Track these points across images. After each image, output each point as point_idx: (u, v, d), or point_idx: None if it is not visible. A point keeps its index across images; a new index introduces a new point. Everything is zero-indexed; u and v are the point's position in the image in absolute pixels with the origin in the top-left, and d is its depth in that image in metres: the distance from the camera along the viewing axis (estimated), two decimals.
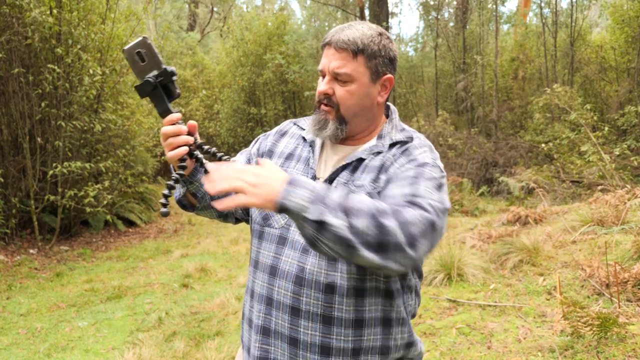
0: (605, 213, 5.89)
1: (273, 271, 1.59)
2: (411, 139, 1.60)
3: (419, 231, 1.30)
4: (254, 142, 1.87)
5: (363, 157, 1.58)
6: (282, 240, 1.58)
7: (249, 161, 1.79)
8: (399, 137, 1.60)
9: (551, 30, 16.99)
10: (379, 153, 1.58)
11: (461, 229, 7.75)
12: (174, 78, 1.44)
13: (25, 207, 8.49)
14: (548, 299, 4.43)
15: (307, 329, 1.52)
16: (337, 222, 1.22)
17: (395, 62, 1.63)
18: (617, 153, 10.09)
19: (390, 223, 1.26)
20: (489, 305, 4.47)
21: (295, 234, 1.56)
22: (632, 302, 3.99)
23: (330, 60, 1.56)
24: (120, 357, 4.22)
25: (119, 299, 6.13)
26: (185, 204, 1.74)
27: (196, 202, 1.71)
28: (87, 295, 6.30)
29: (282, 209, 1.25)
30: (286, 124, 1.84)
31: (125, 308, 5.75)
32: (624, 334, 3.44)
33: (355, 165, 1.58)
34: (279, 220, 1.60)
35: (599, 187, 7.84)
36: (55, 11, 8.17)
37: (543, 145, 12.02)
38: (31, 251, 8.23)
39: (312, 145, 1.69)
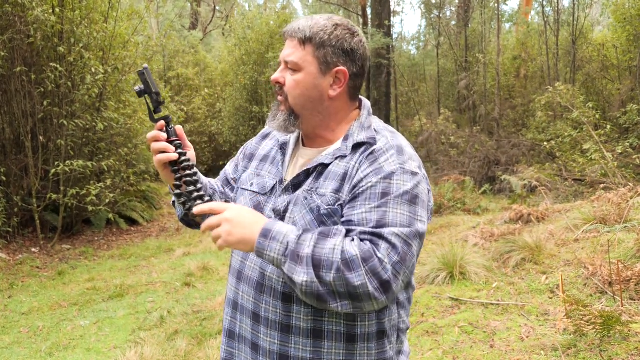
0: (607, 211, 5.87)
1: (239, 275, 1.62)
2: (374, 140, 1.50)
3: (390, 275, 1.32)
4: (240, 150, 1.88)
5: (326, 162, 1.52)
6: None
7: (236, 167, 1.82)
8: (362, 137, 1.52)
9: (553, 29, 16.97)
10: (343, 157, 1.51)
11: (463, 228, 7.74)
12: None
13: (27, 206, 8.50)
14: (551, 298, 4.42)
15: (266, 336, 1.52)
16: (306, 279, 1.32)
17: (354, 55, 1.55)
18: (620, 151, 10.06)
19: (358, 277, 1.30)
20: (492, 304, 4.46)
21: None
22: (635, 300, 3.98)
23: (284, 50, 1.57)
24: (122, 356, 4.21)
25: (121, 297, 6.13)
26: (189, 222, 1.76)
27: (200, 220, 1.71)
28: (89, 294, 6.30)
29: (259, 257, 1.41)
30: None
31: (127, 307, 5.75)
32: (627, 332, 3.43)
33: (320, 171, 1.53)
34: None
35: (602, 185, 7.82)
36: (57, 10, 8.17)
37: (545, 143, 12.01)
38: (33, 250, 8.24)
39: (283, 147, 1.68)
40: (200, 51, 20.97)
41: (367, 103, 1.66)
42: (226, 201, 1.54)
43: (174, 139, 1.56)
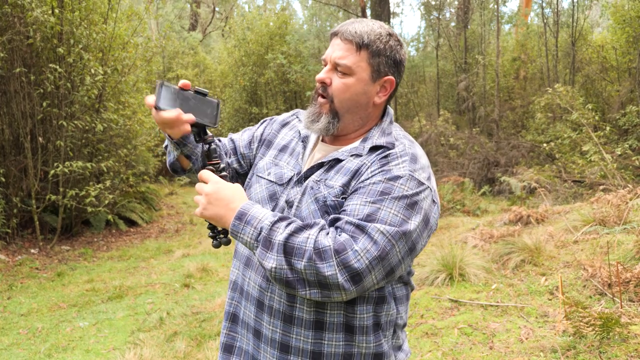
0: (607, 213, 5.88)
1: (247, 262, 1.63)
2: (393, 145, 1.52)
3: (362, 266, 1.32)
4: (260, 122, 1.87)
5: (341, 158, 1.55)
6: None
7: (250, 143, 1.81)
8: (381, 141, 1.54)
9: (552, 30, 16.98)
10: (358, 156, 1.53)
11: (463, 229, 7.74)
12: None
13: (26, 207, 8.49)
14: (550, 299, 4.42)
15: (269, 324, 1.54)
16: (274, 265, 1.34)
17: (401, 67, 1.59)
18: (619, 153, 10.06)
19: (329, 267, 1.31)
20: (491, 306, 4.46)
21: None
22: (634, 302, 3.98)
23: (334, 50, 1.55)
24: (121, 357, 4.21)
25: (120, 299, 6.13)
26: (176, 169, 1.74)
27: (188, 164, 1.70)
28: (88, 295, 6.30)
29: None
30: (290, 115, 1.84)
31: (126, 308, 5.75)
32: (626, 334, 3.43)
33: (332, 164, 1.55)
34: None
35: (601, 187, 7.84)
36: (57, 11, 8.16)
37: (545, 144, 12.00)
38: (32, 251, 8.23)
39: (304, 141, 1.69)
40: (199, 52, 20.98)
41: (390, 111, 1.68)
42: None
43: (214, 161, 1.57)
